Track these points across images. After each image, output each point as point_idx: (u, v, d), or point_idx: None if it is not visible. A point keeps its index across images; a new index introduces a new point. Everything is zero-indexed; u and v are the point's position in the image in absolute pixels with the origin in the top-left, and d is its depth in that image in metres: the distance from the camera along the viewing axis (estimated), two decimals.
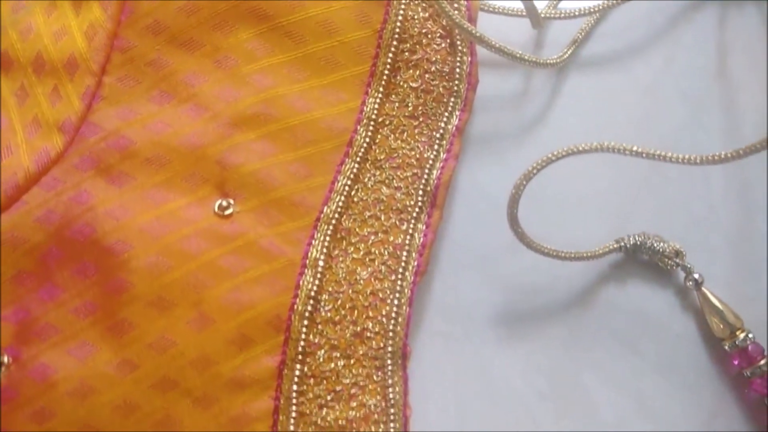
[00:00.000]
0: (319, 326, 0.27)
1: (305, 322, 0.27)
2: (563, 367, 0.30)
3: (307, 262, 0.28)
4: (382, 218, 0.29)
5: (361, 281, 0.28)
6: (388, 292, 0.28)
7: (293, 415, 0.26)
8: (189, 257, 0.26)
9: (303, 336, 0.27)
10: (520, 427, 0.30)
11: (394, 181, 0.30)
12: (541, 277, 0.31)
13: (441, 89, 0.31)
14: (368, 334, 0.28)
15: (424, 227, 0.29)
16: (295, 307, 0.27)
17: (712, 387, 0.30)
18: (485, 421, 0.30)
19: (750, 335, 0.29)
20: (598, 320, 0.31)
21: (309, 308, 0.27)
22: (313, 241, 0.28)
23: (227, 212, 0.27)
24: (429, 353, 0.30)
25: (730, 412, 0.30)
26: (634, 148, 0.26)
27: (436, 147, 0.30)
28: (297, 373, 0.26)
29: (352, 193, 0.29)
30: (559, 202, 0.32)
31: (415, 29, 0.30)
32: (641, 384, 0.30)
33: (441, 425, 0.29)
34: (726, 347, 0.30)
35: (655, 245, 0.30)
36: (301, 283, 0.27)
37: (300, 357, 0.27)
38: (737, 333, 0.29)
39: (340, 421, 0.27)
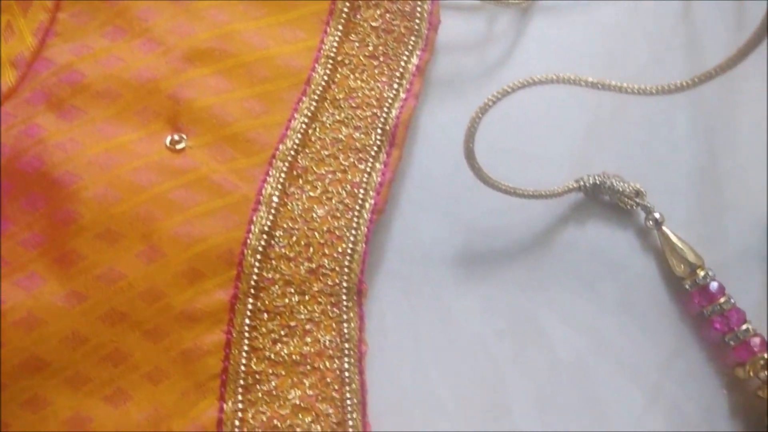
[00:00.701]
0: (273, 262, 0.27)
1: (258, 257, 0.27)
2: (521, 307, 0.30)
3: (261, 198, 0.27)
4: (341, 158, 0.29)
5: (318, 219, 0.28)
6: (345, 229, 0.28)
7: (245, 349, 0.26)
8: (139, 189, 0.26)
9: (256, 271, 0.26)
10: (477, 367, 0.29)
11: (354, 120, 0.29)
12: (501, 218, 0.31)
13: (402, 29, 0.30)
14: (324, 271, 0.28)
15: (383, 166, 0.29)
16: (248, 242, 0.27)
17: (672, 327, 0.30)
18: (443, 360, 0.30)
19: (710, 273, 0.29)
20: (558, 261, 0.31)
21: (262, 243, 0.27)
22: (268, 178, 0.28)
23: (179, 146, 0.27)
24: (387, 294, 0.30)
25: (690, 352, 0.30)
26: (590, 80, 0.26)
27: (395, 86, 0.30)
28: (249, 307, 0.26)
29: (309, 131, 0.29)
30: (519, 145, 0.32)
31: None
32: (600, 324, 0.30)
33: (398, 365, 0.29)
34: (686, 286, 0.29)
35: (615, 185, 0.30)
36: (254, 218, 0.27)
37: (253, 291, 0.26)
38: (697, 271, 0.29)
39: (294, 356, 0.27)
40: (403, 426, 0.29)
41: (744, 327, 0.28)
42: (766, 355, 0.28)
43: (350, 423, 0.27)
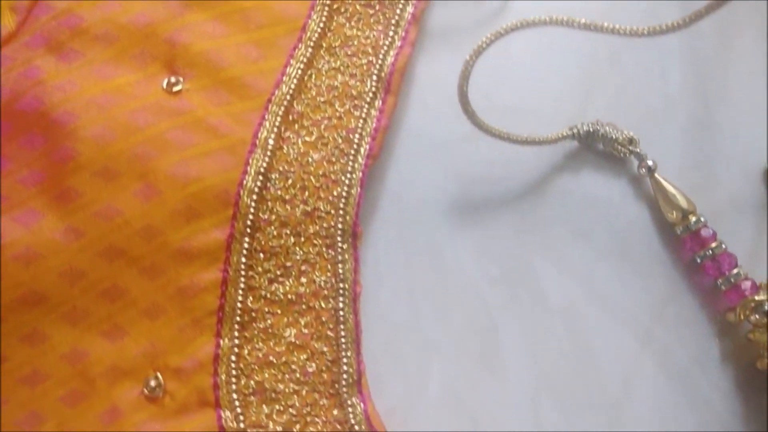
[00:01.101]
0: (269, 203, 0.27)
1: (254, 198, 0.27)
2: (515, 253, 0.30)
3: (257, 141, 0.28)
4: (336, 105, 0.30)
5: (313, 163, 0.28)
6: (340, 174, 0.28)
7: (242, 287, 0.27)
8: (136, 129, 0.26)
9: (252, 211, 0.27)
10: (470, 312, 0.30)
11: (349, 68, 0.30)
12: (496, 167, 0.31)
13: None
14: (319, 214, 0.28)
15: (378, 113, 0.29)
16: (244, 183, 0.27)
17: (664, 273, 0.31)
18: (436, 305, 0.30)
19: (702, 219, 0.30)
20: (551, 208, 0.31)
21: (258, 185, 0.27)
22: (264, 122, 0.28)
23: (176, 89, 0.28)
24: (382, 240, 0.31)
25: (682, 298, 0.30)
26: (583, 21, 0.26)
27: (391, 34, 0.30)
28: (246, 246, 0.27)
29: (305, 78, 0.29)
30: (514, 98, 0.32)
31: None
32: (592, 270, 0.30)
33: (392, 308, 0.30)
34: (678, 232, 0.30)
35: (609, 132, 0.30)
36: (250, 160, 0.27)
37: (249, 231, 0.27)
38: (689, 217, 0.29)
39: (289, 296, 0.27)
40: (396, 366, 0.29)
41: (735, 271, 0.29)
42: (756, 298, 0.28)
43: (344, 361, 0.27)
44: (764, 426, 0.29)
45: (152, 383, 0.26)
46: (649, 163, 0.30)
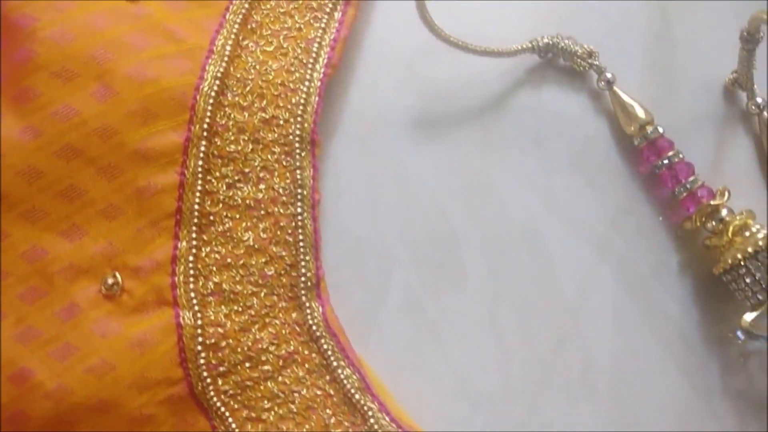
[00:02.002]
0: (227, 109, 0.28)
1: (211, 102, 0.28)
2: (475, 167, 0.31)
3: (215, 48, 0.28)
4: (296, 16, 0.30)
5: (271, 72, 0.29)
6: (298, 83, 0.29)
7: (199, 190, 0.27)
8: (94, 31, 0.27)
9: (209, 115, 0.28)
10: (431, 223, 0.31)
11: None
12: (458, 82, 0.32)
13: None
14: (277, 122, 0.29)
15: (338, 24, 0.30)
16: (201, 87, 0.28)
17: (623, 185, 0.31)
18: (398, 217, 0.31)
19: (659, 129, 0.30)
20: (512, 123, 0.32)
21: (215, 89, 0.28)
22: (222, 29, 0.29)
23: None
24: (344, 154, 0.31)
25: (640, 209, 0.31)
26: None
27: None
28: (203, 149, 0.27)
29: None
30: (476, 9, 0.32)
31: None
32: (552, 183, 0.31)
33: (354, 222, 0.31)
34: (636, 143, 0.30)
35: (568, 46, 0.31)
36: (207, 66, 0.28)
37: (206, 135, 0.27)
38: (646, 127, 0.30)
39: (248, 201, 0.28)
40: (357, 276, 0.30)
41: (692, 179, 0.30)
42: (712, 202, 0.29)
43: (303, 265, 0.28)
44: (719, 331, 0.30)
45: (110, 281, 0.27)
46: (608, 76, 0.31)
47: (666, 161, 0.30)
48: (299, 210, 0.28)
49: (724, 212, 0.29)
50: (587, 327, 0.30)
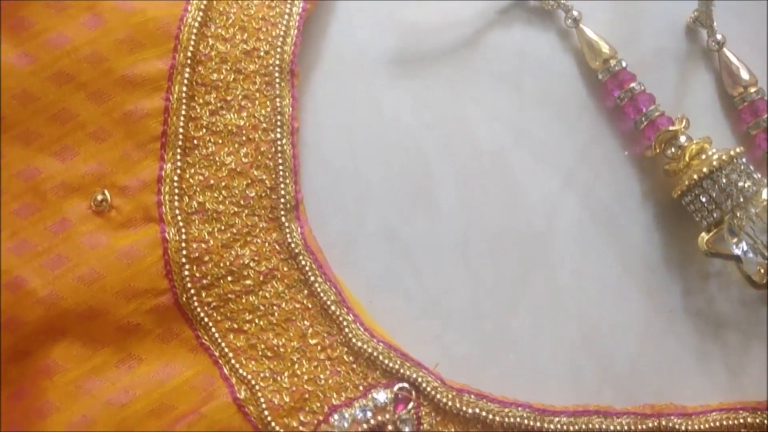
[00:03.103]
0: (210, 40, 0.30)
1: (194, 32, 0.30)
2: (448, 102, 0.33)
3: None
4: None
5: (253, 7, 0.31)
6: (278, 17, 0.31)
7: (183, 115, 0.29)
8: None
9: (192, 45, 0.30)
10: (406, 156, 0.33)
11: None
12: (433, 23, 0.34)
13: None
14: (258, 54, 0.31)
15: None
16: (185, 18, 0.30)
17: (588, 119, 0.33)
18: (374, 149, 0.33)
19: (623, 63, 0.32)
20: (484, 60, 0.34)
21: (198, 21, 0.30)
22: None
23: None
24: (323, 91, 0.33)
25: (605, 141, 0.33)
26: None
27: None
28: (186, 76, 0.29)
29: None
30: None
31: None
32: (521, 117, 0.33)
33: (333, 154, 0.33)
34: (600, 77, 0.32)
35: None
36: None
37: (190, 63, 0.30)
38: (610, 61, 0.32)
39: (230, 127, 0.30)
40: (336, 205, 0.32)
41: (652, 107, 0.31)
42: (671, 128, 0.30)
43: (282, 188, 0.30)
44: (681, 256, 0.32)
45: (99, 198, 0.29)
46: (575, 14, 0.33)
47: (628, 93, 0.32)
48: (279, 136, 0.30)
49: (682, 139, 0.31)
50: (554, 251, 0.32)
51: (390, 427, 0.28)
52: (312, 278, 0.30)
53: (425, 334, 0.31)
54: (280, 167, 0.30)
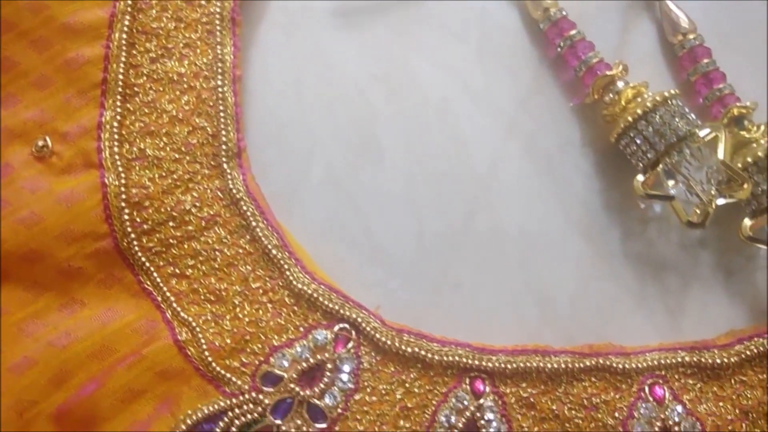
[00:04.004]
0: None
1: None
2: (394, 53, 0.34)
3: None
4: None
5: None
6: None
7: (123, 62, 0.30)
8: None
9: None
10: (353, 106, 0.33)
11: None
12: None
13: None
14: (200, 2, 0.32)
15: None
16: None
17: (531, 69, 0.34)
18: (321, 100, 0.34)
19: (563, 12, 0.33)
20: (429, 13, 0.35)
21: None
22: None
23: None
24: (269, 42, 0.34)
25: (547, 91, 0.34)
26: None
27: None
28: (127, 24, 0.30)
29: None
30: None
31: None
32: (465, 67, 0.34)
33: (279, 105, 0.33)
34: (542, 26, 0.33)
35: None
36: None
37: (130, 11, 0.30)
38: (551, 10, 0.32)
39: (170, 75, 0.31)
40: (282, 156, 0.33)
41: (591, 54, 0.32)
42: (608, 73, 0.31)
43: (223, 135, 0.31)
44: (621, 201, 0.32)
45: (40, 144, 0.29)
46: None
47: (568, 41, 0.33)
48: (220, 83, 0.31)
49: (619, 84, 0.32)
50: (497, 198, 0.33)
51: (329, 366, 0.29)
52: (254, 223, 0.30)
53: (370, 281, 0.32)
54: (222, 114, 0.31)
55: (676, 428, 0.29)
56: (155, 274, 0.30)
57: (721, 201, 0.30)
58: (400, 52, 0.34)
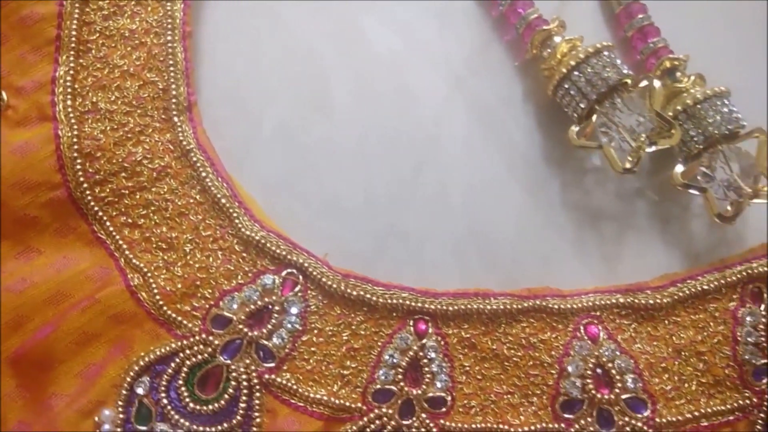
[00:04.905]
0: None
1: None
2: (345, 11, 0.36)
3: None
4: None
5: None
6: None
7: (76, 20, 0.32)
8: None
9: None
10: (304, 62, 0.35)
11: None
12: None
13: None
14: None
15: None
16: None
17: (476, 27, 0.36)
18: (274, 57, 0.35)
19: None
20: None
21: None
22: None
23: None
24: (222, 1, 0.35)
25: (491, 49, 0.36)
26: None
27: None
28: None
29: None
30: None
31: None
32: (413, 25, 0.36)
33: (233, 62, 0.35)
34: None
35: None
36: None
37: None
38: None
39: (122, 31, 0.32)
40: (235, 112, 0.34)
41: (530, 10, 0.34)
42: (545, 27, 0.33)
43: (174, 89, 0.32)
44: (560, 154, 0.34)
45: None
46: None
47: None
48: (170, 39, 0.32)
49: (556, 39, 0.33)
50: (443, 152, 0.35)
51: (277, 308, 0.31)
52: (204, 174, 0.32)
53: (321, 233, 0.34)
54: (171, 69, 0.32)
55: (610, 365, 0.31)
56: (108, 224, 0.31)
57: (652, 148, 0.32)
58: (350, 11, 0.36)
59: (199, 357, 0.30)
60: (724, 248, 0.34)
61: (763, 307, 0.32)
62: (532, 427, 0.31)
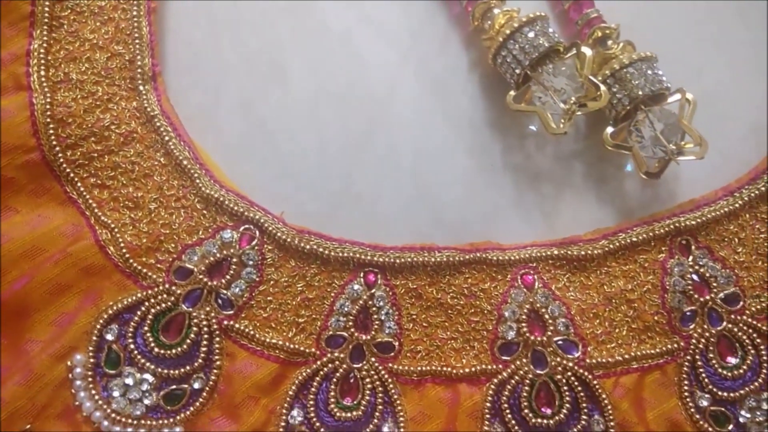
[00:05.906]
0: None
1: None
2: None
3: None
4: None
5: None
6: None
7: None
8: None
9: None
10: (261, 37, 0.38)
11: None
12: None
13: None
14: None
15: None
16: None
17: (425, 2, 0.38)
18: (232, 32, 0.39)
19: None
20: None
21: None
22: None
23: None
24: None
25: (438, 21, 0.39)
26: None
27: None
28: None
29: None
30: None
31: None
32: (365, 1, 0.38)
33: (194, 35, 0.38)
34: None
35: None
36: None
37: None
38: None
39: (92, 8, 0.36)
40: (197, 82, 0.38)
41: None
42: (485, 0, 0.36)
43: (139, 60, 0.36)
44: (502, 119, 0.37)
45: None
46: None
47: None
48: (135, 14, 0.36)
49: (495, 11, 0.36)
50: (393, 118, 0.38)
51: (235, 260, 0.34)
52: (167, 138, 0.35)
53: (280, 193, 0.37)
54: (137, 42, 0.36)
55: (543, 310, 0.34)
56: (79, 184, 0.34)
57: (582, 111, 0.35)
58: None
59: (163, 305, 0.34)
60: (656, 205, 0.38)
61: (690, 258, 0.35)
62: (473, 369, 0.34)
